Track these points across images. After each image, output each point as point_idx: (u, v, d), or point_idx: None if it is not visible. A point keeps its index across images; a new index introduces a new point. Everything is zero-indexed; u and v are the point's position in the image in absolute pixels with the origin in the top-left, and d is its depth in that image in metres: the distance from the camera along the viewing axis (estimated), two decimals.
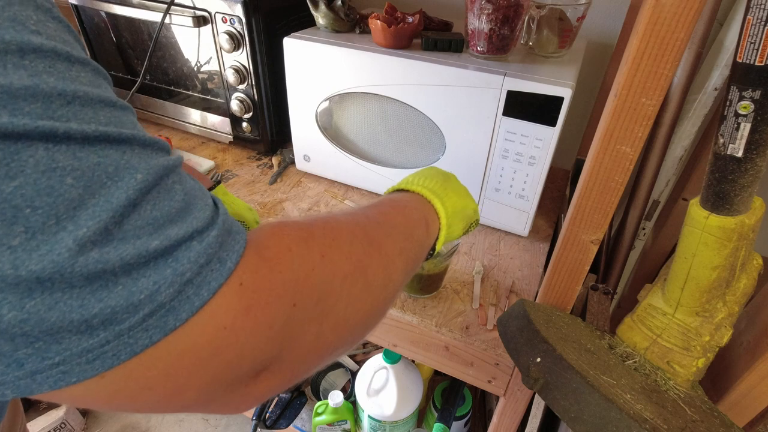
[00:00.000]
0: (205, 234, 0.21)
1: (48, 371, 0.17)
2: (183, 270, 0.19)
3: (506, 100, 0.59)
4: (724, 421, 0.39)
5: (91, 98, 0.18)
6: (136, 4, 0.79)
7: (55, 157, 0.16)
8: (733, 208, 0.36)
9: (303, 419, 1.06)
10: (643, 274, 0.85)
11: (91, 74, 0.19)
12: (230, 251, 0.21)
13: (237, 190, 0.80)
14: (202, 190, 0.23)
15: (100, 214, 0.17)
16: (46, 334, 0.16)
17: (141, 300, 0.18)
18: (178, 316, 0.19)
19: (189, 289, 0.19)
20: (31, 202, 0.16)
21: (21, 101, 0.16)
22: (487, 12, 0.58)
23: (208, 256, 0.20)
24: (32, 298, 0.16)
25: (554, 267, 0.46)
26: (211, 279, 0.20)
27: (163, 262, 0.19)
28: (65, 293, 0.16)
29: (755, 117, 0.31)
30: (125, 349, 0.18)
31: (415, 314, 0.58)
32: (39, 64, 0.17)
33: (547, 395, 0.38)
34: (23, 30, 0.17)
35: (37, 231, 0.16)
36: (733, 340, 0.43)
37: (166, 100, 0.94)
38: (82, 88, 0.18)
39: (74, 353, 0.17)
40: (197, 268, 0.20)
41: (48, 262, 0.16)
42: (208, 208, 0.22)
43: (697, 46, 0.63)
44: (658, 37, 0.31)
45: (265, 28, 0.75)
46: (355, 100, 0.70)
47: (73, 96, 0.18)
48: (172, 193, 0.20)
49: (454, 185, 0.45)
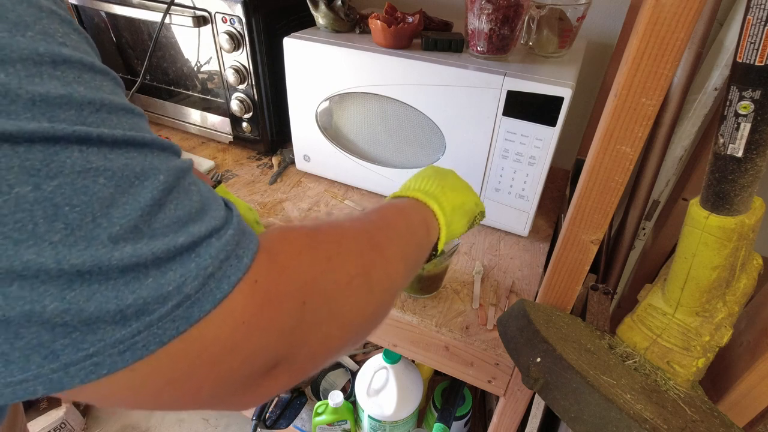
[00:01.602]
0: (222, 232, 0.22)
1: (82, 363, 0.18)
2: (206, 264, 0.20)
3: (506, 100, 0.59)
4: (724, 421, 0.39)
5: (115, 106, 0.20)
6: (136, 4, 0.79)
7: (89, 158, 0.18)
8: (733, 208, 0.36)
9: (303, 419, 1.06)
10: (643, 274, 0.85)
11: (111, 83, 0.21)
12: (246, 249, 0.23)
13: (237, 190, 0.80)
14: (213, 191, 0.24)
15: (130, 213, 0.18)
16: (83, 324, 0.17)
17: (170, 291, 0.19)
18: (202, 308, 0.20)
19: (212, 283, 0.20)
20: (69, 200, 0.17)
21: (57, 109, 0.17)
22: (487, 12, 0.58)
23: (227, 253, 0.21)
24: (72, 289, 0.17)
25: (554, 267, 0.46)
26: (231, 273, 0.21)
27: (188, 257, 0.20)
28: (102, 284, 0.17)
29: (755, 117, 0.31)
30: (154, 340, 0.19)
31: (415, 314, 0.58)
32: (69, 74, 0.18)
33: (547, 395, 0.38)
34: (53, 42, 0.18)
35: (75, 227, 0.17)
36: (733, 340, 0.43)
37: (166, 100, 0.94)
38: (107, 96, 0.19)
39: (107, 344, 0.18)
40: (218, 263, 0.21)
41: (87, 256, 0.17)
42: (222, 208, 0.23)
43: (697, 46, 0.63)
44: (658, 37, 0.31)
45: (265, 28, 0.75)
46: (355, 100, 0.70)
47: (101, 104, 0.19)
48: (190, 193, 0.21)
49: (452, 182, 0.46)
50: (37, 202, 0.16)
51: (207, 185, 0.24)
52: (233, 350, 0.21)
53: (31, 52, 0.17)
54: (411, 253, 0.36)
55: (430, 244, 0.41)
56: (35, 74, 0.17)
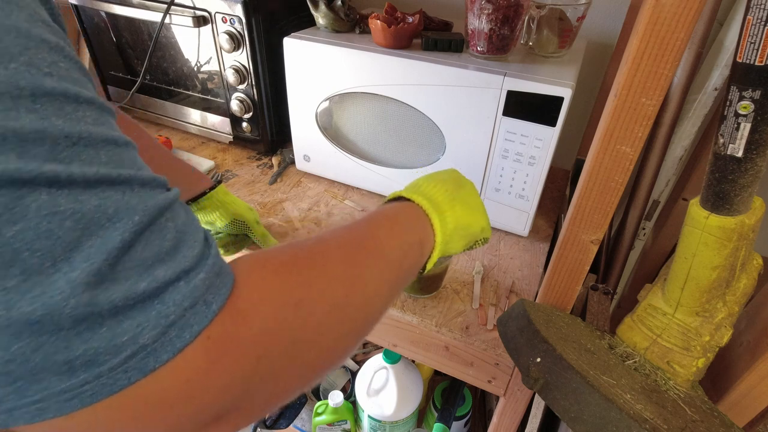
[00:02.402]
0: (192, 274, 0.21)
1: (26, 408, 0.17)
2: (168, 312, 0.19)
3: (506, 100, 0.59)
4: (724, 421, 0.39)
5: (95, 138, 0.19)
6: (136, 4, 0.79)
7: (58, 201, 0.17)
8: (733, 208, 0.36)
9: (303, 419, 1.06)
10: (643, 274, 0.85)
11: (96, 112, 0.20)
12: (217, 294, 0.22)
13: (237, 190, 0.80)
14: (194, 224, 0.23)
15: (94, 256, 0.17)
16: (28, 374, 0.17)
17: (124, 342, 0.18)
18: (158, 358, 0.19)
19: (172, 332, 0.19)
20: (30, 246, 0.16)
21: (29, 144, 0.17)
22: (487, 12, 0.58)
23: (193, 299, 0.20)
24: (20, 340, 0.16)
25: (554, 267, 0.46)
26: (194, 322, 0.20)
27: (149, 304, 0.19)
28: (52, 335, 0.17)
29: (755, 117, 0.31)
30: (102, 390, 0.18)
31: (415, 314, 0.58)
32: (49, 107, 0.18)
33: (547, 395, 0.38)
34: (37, 73, 0.18)
35: (33, 273, 0.16)
36: (733, 340, 0.43)
37: (166, 100, 0.93)
38: (87, 128, 0.19)
39: (53, 392, 0.17)
40: (182, 311, 0.20)
41: (40, 304, 0.16)
42: (198, 245, 0.22)
43: (697, 46, 0.63)
44: (658, 37, 0.31)
45: (265, 28, 0.75)
46: (355, 100, 0.70)
47: (78, 137, 0.18)
48: (165, 231, 0.21)
49: (466, 196, 0.42)
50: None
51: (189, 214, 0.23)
52: (178, 405, 0.20)
53: (10, 85, 0.16)
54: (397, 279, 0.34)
55: (421, 264, 0.38)
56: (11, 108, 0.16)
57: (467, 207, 0.41)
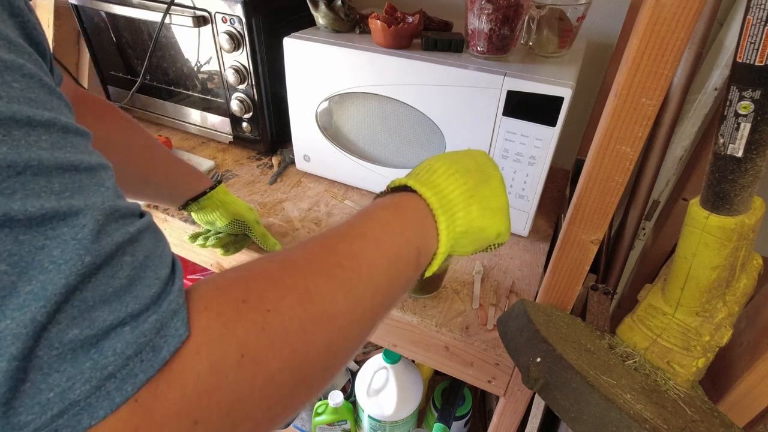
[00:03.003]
0: (141, 318, 0.19)
1: None
2: (105, 363, 0.17)
3: (506, 100, 0.59)
4: (724, 421, 0.39)
5: (47, 165, 0.17)
6: (136, 4, 0.79)
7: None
8: (733, 208, 0.36)
9: (303, 419, 1.06)
10: (643, 274, 0.85)
11: (56, 135, 0.18)
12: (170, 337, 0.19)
13: (237, 190, 0.80)
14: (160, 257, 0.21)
15: (29, 305, 0.16)
16: None
17: (50, 399, 0.16)
18: (93, 414, 0.17)
19: (110, 384, 0.17)
20: None
21: None
22: (487, 12, 0.58)
23: (138, 346, 0.18)
24: None
25: (554, 267, 0.46)
26: (139, 371, 0.18)
27: (83, 354, 0.17)
28: None
29: (755, 117, 0.31)
30: None
31: (415, 314, 0.58)
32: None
33: (547, 395, 0.38)
34: None
35: None
36: (733, 340, 0.43)
37: (166, 100, 0.93)
38: (39, 154, 0.17)
39: None
40: (124, 360, 0.18)
41: None
42: (158, 282, 0.20)
43: (697, 46, 0.63)
44: (658, 37, 0.31)
45: (265, 28, 0.75)
46: (355, 100, 0.70)
47: (25, 166, 0.16)
48: (118, 269, 0.18)
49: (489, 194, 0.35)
50: None
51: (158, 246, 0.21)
52: None
53: None
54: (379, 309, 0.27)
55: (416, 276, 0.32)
56: None
57: (486, 208, 0.34)
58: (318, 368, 0.24)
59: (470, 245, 0.35)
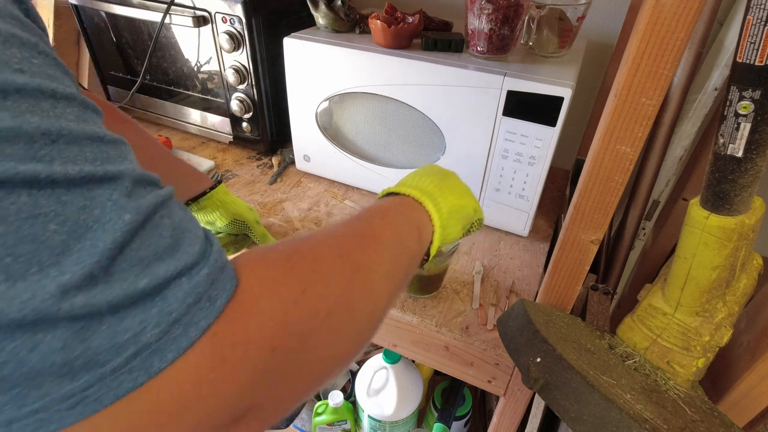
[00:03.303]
0: (195, 270, 0.20)
1: (26, 419, 0.16)
2: (170, 309, 0.19)
3: (506, 100, 0.59)
4: (724, 421, 0.39)
5: (77, 135, 0.18)
6: (136, 4, 0.79)
7: (39, 202, 0.16)
8: (733, 208, 0.36)
9: (303, 419, 1.06)
10: (643, 274, 0.85)
11: (77, 109, 0.19)
12: (221, 290, 0.21)
13: (237, 190, 0.80)
14: (192, 221, 0.23)
15: (85, 260, 0.17)
16: (25, 379, 0.16)
17: (125, 340, 0.17)
18: (164, 357, 0.18)
19: (176, 329, 0.19)
20: (12, 251, 0.15)
21: (3, 143, 0.16)
22: (487, 12, 0.58)
23: (197, 295, 0.20)
24: (13, 340, 0.15)
25: (554, 267, 0.46)
26: (200, 318, 0.20)
27: (150, 301, 0.18)
28: (47, 334, 0.16)
29: (755, 117, 0.31)
30: (108, 393, 0.17)
31: (415, 314, 0.58)
32: (22, 103, 0.17)
33: (547, 395, 0.38)
34: (6, 70, 0.17)
35: (18, 279, 0.15)
36: (733, 340, 0.43)
37: (166, 100, 0.93)
38: (68, 125, 0.18)
39: (54, 399, 0.16)
40: (185, 307, 0.19)
41: (30, 310, 0.15)
42: (199, 241, 0.21)
43: (697, 46, 0.63)
44: (658, 37, 0.31)
45: (265, 28, 0.75)
46: (355, 100, 0.70)
47: (58, 134, 0.17)
48: (161, 229, 0.20)
49: (452, 183, 0.44)
50: None
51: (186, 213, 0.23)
52: (191, 407, 0.19)
53: None
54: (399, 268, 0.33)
55: (422, 251, 0.38)
56: None
57: (456, 192, 0.43)
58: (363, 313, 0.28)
59: (458, 223, 0.42)
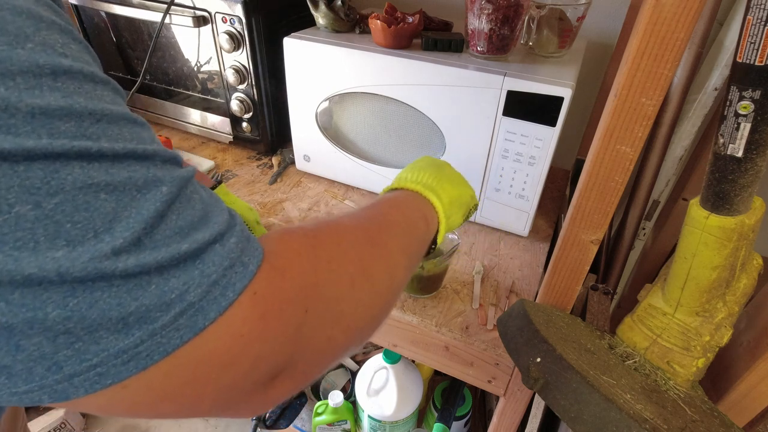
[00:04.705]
0: (226, 238, 0.22)
1: (86, 373, 0.18)
2: (209, 272, 0.20)
3: (506, 100, 0.59)
4: (724, 421, 0.39)
5: (116, 116, 0.19)
6: (136, 4, 0.79)
7: (91, 174, 0.18)
8: (733, 208, 0.36)
9: (303, 419, 1.06)
10: (643, 274, 0.85)
11: (111, 93, 0.20)
12: (251, 256, 0.22)
13: (237, 190, 0.80)
14: (214, 197, 0.24)
15: (133, 226, 0.18)
16: (86, 333, 0.17)
17: (172, 299, 0.19)
18: (206, 316, 0.20)
19: (216, 290, 0.20)
20: (71, 218, 0.17)
21: (57, 121, 0.17)
22: (487, 12, 0.58)
23: (231, 260, 0.21)
24: (75, 297, 0.17)
25: (554, 267, 0.46)
26: (236, 281, 0.21)
27: (191, 264, 0.20)
28: (104, 292, 0.17)
29: (755, 117, 0.31)
30: (158, 349, 0.19)
31: (415, 314, 0.58)
32: (70, 85, 0.18)
33: (547, 395, 0.38)
34: (53, 53, 0.18)
35: (77, 244, 0.17)
36: (733, 340, 0.43)
37: (166, 100, 0.94)
38: (108, 106, 0.19)
39: (111, 353, 0.18)
40: (222, 270, 0.21)
41: (92, 269, 0.17)
42: (225, 213, 0.23)
43: (697, 46, 0.63)
44: (658, 37, 0.31)
45: (265, 28, 0.75)
46: (355, 100, 0.70)
47: (102, 114, 0.19)
48: (193, 202, 0.21)
49: (448, 174, 0.46)
50: (38, 220, 0.16)
51: (209, 191, 0.24)
52: (233, 363, 0.21)
53: (31, 64, 0.17)
54: (411, 247, 0.36)
55: (430, 237, 0.41)
56: (35, 86, 0.17)
57: (453, 182, 0.45)
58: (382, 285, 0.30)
59: (459, 210, 0.45)
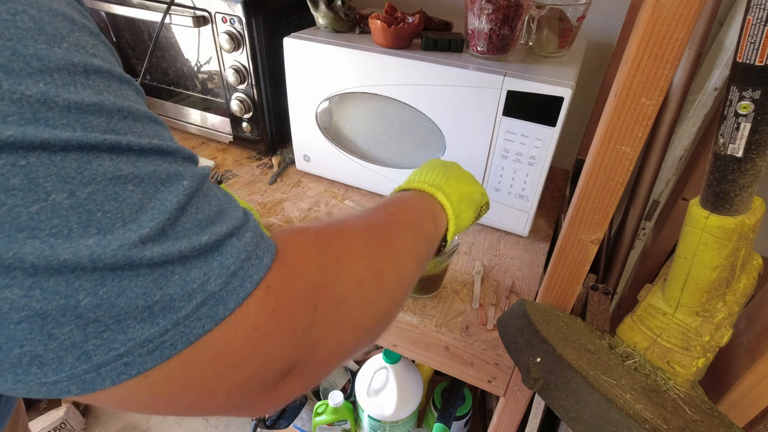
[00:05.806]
0: (242, 232, 0.23)
1: (113, 363, 0.18)
2: (228, 263, 0.21)
3: (506, 100, 0.59)
4: (724, 421, 0.39)
5: (140, 114, 0.21)
6: (136, 4, 0.79)
7: (120, 166, 0.18)
8: (733, 208, 0.36)
9: (303, 419, 1.06)
10: (643, 274, 0.85)
11: (134, 93, 0.21)
12: (266, 250, 0.23)
13: (237, 190, 0.80)
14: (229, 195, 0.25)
15: (158, 216, 0.19)
16: (114, 322, 0.18)
17: (194, 289, 0.20)
18: (227, 306, 0.20)
19: (234, 281, 0.21)
20: (101, 207, 0.18)
21: (89, 115, 0.18)
22: (487, 12, 0.58)
23: (248, 253, 0.22)
24: (104, 285, 0.18)
25: (554, 267, 0.46)
26: (252, 273, 0.22)
27: (211, 256, 0.21)
28: (132, 281, 0.18)
29: (755, 117, 0.31)
30: (181, 339, 0.19)
31: (415, 314, 0.58)
32: (100, 83, 0.19)
33: (547, 395, 0.38)
34: (85, 53, 0.19)
35: (107, 232, 0.18)
36: (733, 340, 0.43)
37: (166, 100, 0.94)
38: (133, 105, 0.20)
39: (137, 342, 0.18)
40: (240, 262, 0.21)
41: (121, 256, 0.18)
42: (239, 210, 0.24)
43: (697, 46, 0.63)
44: (658, 37, 0.31)
45: (265, 28, 0.75)
46: (355, 100, 0.70)
47: (128, 112, 0.20)
48: (209, 198, 0.22)
49: (457, 173, 0.46)
50: (72, 208, 0.17)
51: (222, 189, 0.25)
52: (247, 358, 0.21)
53: (66, 62, 0.18)
54: (419, 246, 0.36)
55: (439, 236, 0.41)
56: (70, 83, 0.18)
57: (461, 180, 0.45)
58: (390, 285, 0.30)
59: (469, 209, 0.45)
